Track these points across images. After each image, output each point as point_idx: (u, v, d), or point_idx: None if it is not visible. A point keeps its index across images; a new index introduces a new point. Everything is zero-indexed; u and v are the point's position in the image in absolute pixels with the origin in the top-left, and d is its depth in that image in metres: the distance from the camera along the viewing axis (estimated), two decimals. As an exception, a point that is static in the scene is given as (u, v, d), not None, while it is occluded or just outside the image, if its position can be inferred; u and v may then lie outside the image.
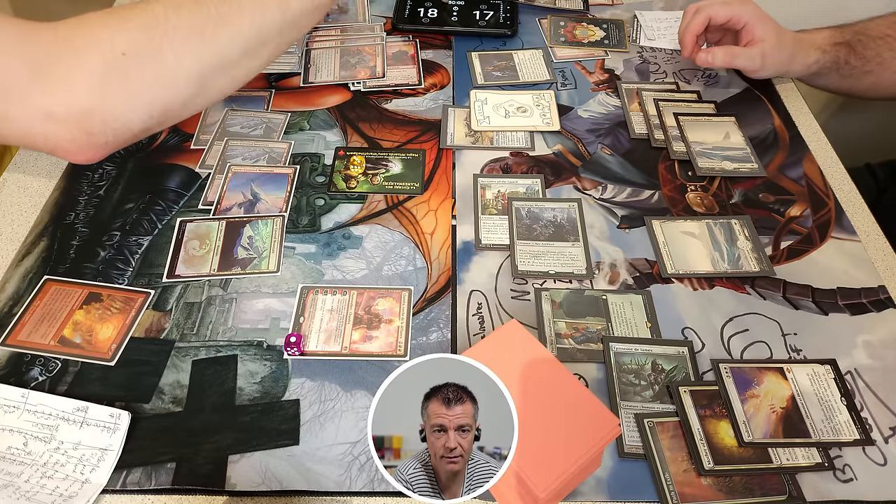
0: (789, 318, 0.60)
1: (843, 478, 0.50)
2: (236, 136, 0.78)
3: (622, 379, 0.56)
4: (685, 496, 0.49)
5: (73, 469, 0.50)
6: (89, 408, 0.52)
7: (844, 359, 0.57)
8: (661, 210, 0.70)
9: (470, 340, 0.59)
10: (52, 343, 0.58)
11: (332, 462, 0.51)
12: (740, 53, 0.77)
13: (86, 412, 0.52)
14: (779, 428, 0.52)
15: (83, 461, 0.50)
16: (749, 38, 0.77)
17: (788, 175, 0.74)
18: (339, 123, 0.80)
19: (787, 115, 0.81)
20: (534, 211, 0.69)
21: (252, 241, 0.66)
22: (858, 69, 0.79)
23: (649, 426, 0.53)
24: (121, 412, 0.52)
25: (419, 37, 0.93)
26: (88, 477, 0.50)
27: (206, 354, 0.58)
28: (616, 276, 0.64)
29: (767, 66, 0.78)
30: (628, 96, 0.83)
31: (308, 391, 0.55)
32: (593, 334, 0.59)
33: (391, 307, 0.61)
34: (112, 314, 0.60)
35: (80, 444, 0.51)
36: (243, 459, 0.51)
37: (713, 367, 0.56)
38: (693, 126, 0.78)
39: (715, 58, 0.78)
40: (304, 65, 0.87)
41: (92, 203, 0.70)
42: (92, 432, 0.51)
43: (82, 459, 0.50)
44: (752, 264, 0.64)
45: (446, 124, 0.79)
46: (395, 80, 0.85)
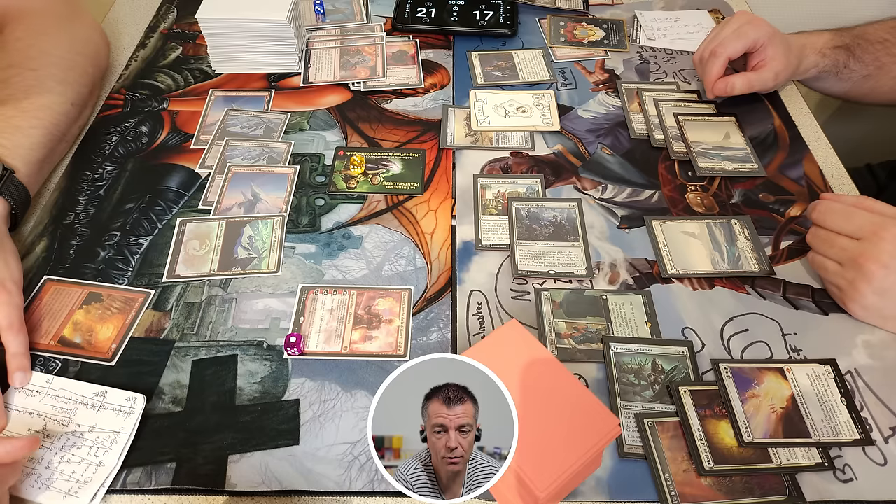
0: (789, 318, 0.60)
1: (843, 478, 0.50)
2: (236, 136, 0.78)
3: (622, 379, 0.56)
4: (685, 496, 0.49)
5: (88, 452, 0.51)
6: (108, 392, 0.54)
7: (844, 359, 0.57)
8: (661, 210, 0.70)
9: (470, 340, 0.59)
10: (52, 343, 0.58)
11: (332, 462, 0.51)
12: (756, 79, 0.77)
13: (104, 396, 0.54)
14: (779, 428, 0.52)
15: (97, 444, 0.51)
16: (761, 59, 0.77)
17: (788, 175, 0.74)
18: (339, 123, 0.80)
19: (787, 115, 0.81)
20: (534, 211, 0.69)
21: (252, 241, 0.66)
22: (857, 73, 0.79)
23: (649, 426, 0.53)
24: (137, 395, 0.53)
25: (419, 37, 0.93)
26: (102, 460, 0.50)
27: (206, 354, 0.58)
28: (616, 276, 0.64)
29: (779, 83, 0.79)
30: (628, 96, 0.83)
31: (308, 391, 0.55)
32: (593, 334, 0.59)
33: (391, 307, 0.61)
34: (112, 314, 0.60)
35: (96, 427, 0.52)
36: (243, 459, 0.51)
37: (713, 367, 0.56)
38: (693, 126, 0.78)
39: (734, 88, 0.77)
40: (304, 65, 0.87)
41: (92, 203, 0.70)
42: (108, 416, 0.53)
43: (96, 442, 0.51)
44: (752, 264, 0.64)
45: (446, 124, 0.79)
46: (395, 80, 0.85)
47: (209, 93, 0.84)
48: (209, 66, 0.87)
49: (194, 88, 0.85)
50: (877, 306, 0.57)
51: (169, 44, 0.92)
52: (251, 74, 0.87)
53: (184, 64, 0.89)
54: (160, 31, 0.94)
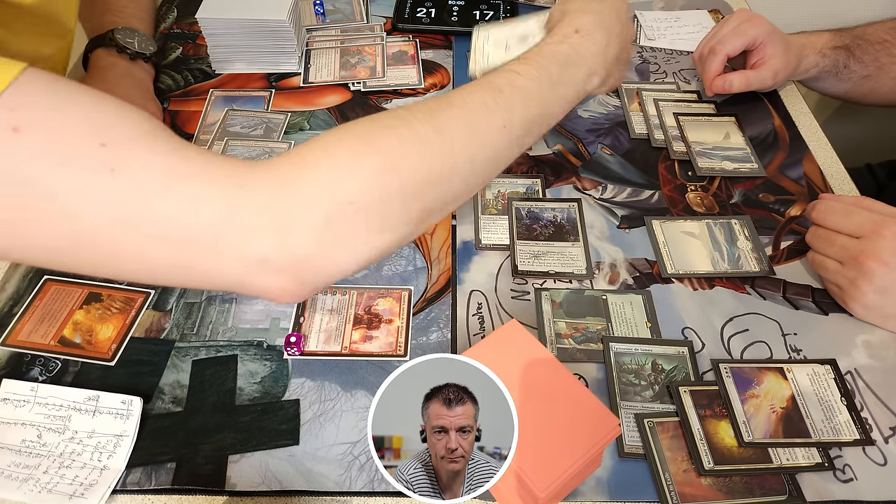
0: (789, 318, 0.60)
1: (843, 478, 0.50)
2: (236, 136, 0.78)
3: (622, 379, 0.56)
4: (685, 496, 0.49)
5: (91, 457, 0.50)
6: (101, 396, 0.53)
7: (844, 359, 0.57)
8: (661, 210, 0.70)
9: (470, 340, 0.59)
10: (52, 343, 0.58)
11: (332, 462, 0.51)
12: (754, 78, 0.77)
13: (97, 401, 0.53)
14: (779, 428, 0.52)
15: (99, 449, 0.51)
16: (760, 57, 0.77)
17: (788, 175, 0.74)
18: (339, 123, 0.80)
19: (787, 115, 0.81)
20: (534, 211, 0.69)
21: (252, 241, 0.66)
22: (857, 74, 0.79)
23: (649, 426, 0.53)
24: (133, 398, 0.53)
25: (419, 37, 0.93)
26: (106, 464, 0.50)
27: (206, 354, 0.58)
28: (616, 276, 0.64)
29: (778, 82, 0.79)
30: (628, 96, 0.83)
31: (308, 391, 0.55)
32: (593, 334, 0.59)
33: (391, 307, 0.61)
34: (112, 314, 0.60)
35: (95, 432, 0.52)
36: (243, 459, 0.51)
37: (713, 367, 0.56)
38: (693, 126, 0.78)
39: (732, 86, 0.77)
40: (304, 65, 0.87)
41: (92, 203, 0.70)
42: (105, 420, 0.52)
43: (98, 447, 0.51)
44: (752, 264, 0.64)
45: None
46: (395, 80, 0.85)
47: (209, 93, 0.84)
48: (209, 66, 0.87)
49: (194, 88, 0.85)
50: (878, 304, 0.57)
51: (169, 44, 0.92)
52: (251, 74, 0.87)
53: (184, 64, 0.89)
54: (160, 31, 0.94)
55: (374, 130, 0.44)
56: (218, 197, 0.39)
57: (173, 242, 0.39)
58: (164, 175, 0.38)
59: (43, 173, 0.36)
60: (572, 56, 0.54)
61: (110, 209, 0.37)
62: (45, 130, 0.36)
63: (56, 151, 0.36)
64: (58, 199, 0.36)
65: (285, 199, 0.40)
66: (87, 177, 0.36)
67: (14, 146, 0.35)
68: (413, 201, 0.44)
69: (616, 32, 0.58)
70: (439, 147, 0.45)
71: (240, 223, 0.39)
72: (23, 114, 0.36)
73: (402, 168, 0.43)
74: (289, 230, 0.40)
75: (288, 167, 0.42)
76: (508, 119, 0.48)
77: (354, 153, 0.42)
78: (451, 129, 0.45)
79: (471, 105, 0.47)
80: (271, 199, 0.40)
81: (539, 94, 0.51)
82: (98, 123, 0.38)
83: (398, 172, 0.42)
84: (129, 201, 0.37)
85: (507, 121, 0.48)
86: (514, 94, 0.49)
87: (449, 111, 0.46)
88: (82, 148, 0.37)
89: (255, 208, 0.40)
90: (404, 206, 0.43)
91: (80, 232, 0.38)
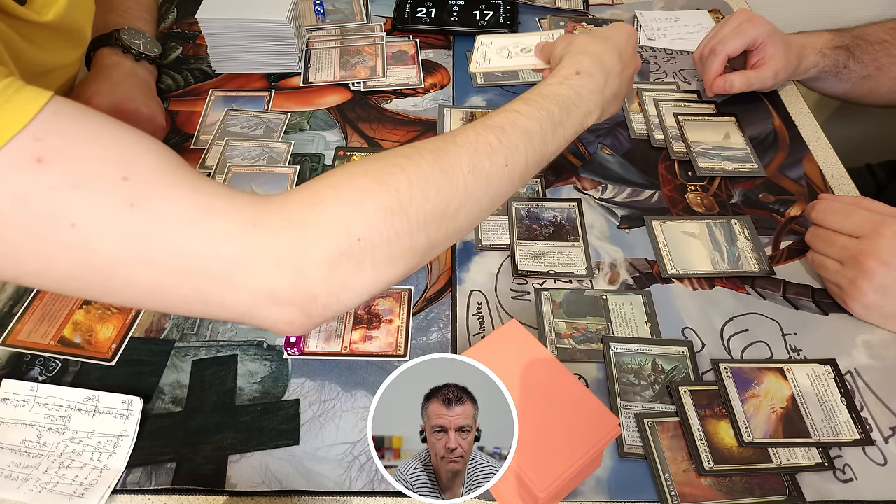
0: (789, 318, 0.60)
1: (843, 478, 0.50)
2: (236, 136, 0.78)
3: (622, 379, 0.56)
4: (685, 496, 0.49)
5: (91, 457, 0.50)
6: (100, 396, 0.53)
7: (844, 359, 0.57)
8: (661, 210, 0.70)
9: (470, 340, 0.59)
10: (52, 343, 0.58)
11: (332, 462, 0.51)
12: (755, 78, 0.77)
13: (97, 401, 0.53)
14: (779, 428, 0.52)
15: (99, 449, 0.51)
16: (760, 57, 0.77)
17: (788, 175, 0.74)
18: (339, 123, 0.80)
19: (787, 115, 0.81)
20: (534, 211, 0.69)
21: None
22: (857, 74, 0.79)
23: (649, 426, 0.53)
24: (132, 398, 0.53)
25: (419, 37, 0.93)
26: (106, 464, 0.50)
27: (206, 354, 0.58)
28: (616, 276, 0.64)
29: (779, 82, 0.79)
30: (628, 96, 0.83)
31: (308, 391, 0.55)
32: (593, 334, 0.59)
33: (391, 307, 0.61)
34: (112, 314, 0.60)
35: (95, 432, 0.52)
36: (243, 459, 0.51)
37: (713, 367, 0.56)
38: (693, 126, 0.78)
39: (733, 86, 0.77)
40: (304, 65, 0.87)
41: (92, 203, 0.70)
42: (105, 420, 0.52)
43: (98, 447, 0.51)
44: (752, 264, 0.64)
45: (443, 125, 0.79)
46: (395, 80, 0.85)
47: (209, 93, 0.84)
48: (209, 66, 0.87)
49: (194, 88, 0.85)
50: (878, 304, 0.57)
51: (169, 44, 0.92)
52: (251, 74, 0.87)
53: (184, 64, 0.89)
54: (160, 31, 0.94)
55: (383, 168, 0.45)
56: (236, 233, 0.40)
57: (188, 275, 0.40)
58: (189, 209, 0.39)
59: (63, 204, 0.37)
60: (573, 97, 0.56)
61: (128, 242, 0.38)
62: (68, 162, 0.37)
63: (77, 183, 0.37)
64: (77, 230, 0.37)
65: (297, 237, 0.42)
66: (108, 209, 0.38)
67: (37, 176, 0.36)
68: (419, 237, 0.45)
69: (616, 72, 0.60)
70: (445, 187, 0.46)
71: (253, 259, 0.41)
72: (47, 144, 0.36)
73: (409, 207, 0.44)
74: (299, 266, 0.41)
75: (299, 204, 0.43)
76: (511, 158, 0.50)
77: (364, 191, 0.44)
78: (457, 169, 0.47)
79: (476, 145, 0.49)
80: (284, 237, 0.41)
81: (541, 135, 0.53)
82: (121, 157, 0.39)
83: (406, 211, 0.44)
84: (148, 234, 0.39)
85: (510, 160, 0.50)
86: (517, 134, 0.51)
87: (455, 150, 0.48)
88: (104, 181, 0.38)
89: (268, 245, 0.41)
90: (411, 242, 0.45)
91: (94, 262, 0.38)
